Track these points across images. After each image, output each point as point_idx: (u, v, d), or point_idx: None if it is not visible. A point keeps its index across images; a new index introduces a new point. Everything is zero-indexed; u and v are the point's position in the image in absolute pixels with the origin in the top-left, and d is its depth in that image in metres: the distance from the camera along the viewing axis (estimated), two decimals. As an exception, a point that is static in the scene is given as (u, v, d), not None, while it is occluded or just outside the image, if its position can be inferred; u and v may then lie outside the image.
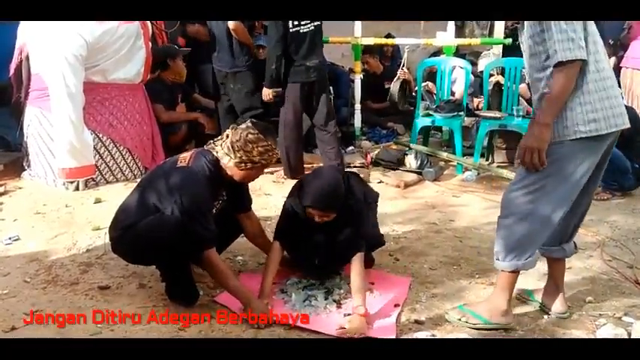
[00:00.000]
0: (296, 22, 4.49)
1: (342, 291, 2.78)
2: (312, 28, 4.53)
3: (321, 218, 2.67)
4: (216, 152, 2.61)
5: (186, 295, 2.65)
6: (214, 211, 2.72)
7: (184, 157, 2.63)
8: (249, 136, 2.55)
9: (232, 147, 2.56)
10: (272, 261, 2.76)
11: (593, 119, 2.24)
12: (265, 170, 2.81)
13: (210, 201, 2.61)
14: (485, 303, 2.53)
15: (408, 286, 2.90)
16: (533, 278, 2.89)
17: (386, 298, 2.74)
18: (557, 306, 2.61)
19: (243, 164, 2.57)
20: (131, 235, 2.57)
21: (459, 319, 2.51)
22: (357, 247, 2.69)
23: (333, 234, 2.74)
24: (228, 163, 2.58)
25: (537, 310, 2.69)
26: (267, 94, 4.59)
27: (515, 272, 2.45)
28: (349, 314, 2.58)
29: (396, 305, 2.69)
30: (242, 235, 3.03)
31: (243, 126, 2.61)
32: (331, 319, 2.57)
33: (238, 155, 2.55)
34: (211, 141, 2.70)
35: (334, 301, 2.71)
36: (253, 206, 2.99)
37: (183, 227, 2.44)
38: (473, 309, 2.51)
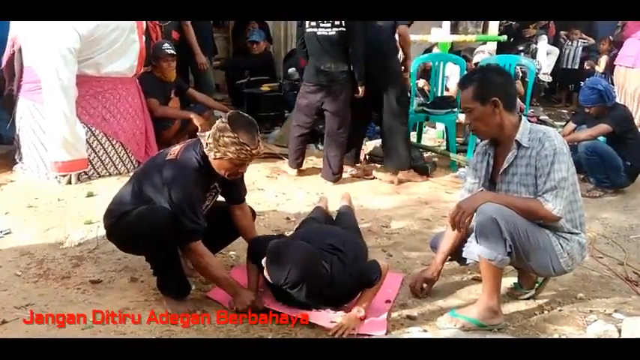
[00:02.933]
0: (313, 24, 4.43)
1: None
2: (333, 33, 4.40)
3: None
4: (203, 141, 2.58)
5: (178, 288, 2.64)
6: (208, 203, 2.71)
7: (174, 151, 2.60)
8: (220, 124, 2.50)
9: (209, 133, 2.53)
10: (252, 274, 2.71)
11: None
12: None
13: (199, 193, 2.58)
14: (477, 306, 2.51)
15: (401, 282, 2.90)
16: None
17: (378, 295, 2.74)
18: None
19: (212, 153, 2.51)
20: (123, 223, 2.56)
21: (453, 326, 2.48)
22: (366, 284, 2.57)
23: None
24: (205, 150, 2.54)
25: (529, 307, 2.71)
26: None
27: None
28: (340, 310, 2.58)
29: (387, 301, 2.69)
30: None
31: (226, 114, 2.58)
32: (323, 313, 2.57)
33: (208, 142, 2.51)
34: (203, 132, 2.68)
35: None
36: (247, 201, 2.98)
37: (173, 218, 2.43)
38: (465, 314, 2.50)
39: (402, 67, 4.79)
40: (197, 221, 2.48)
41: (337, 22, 4.35)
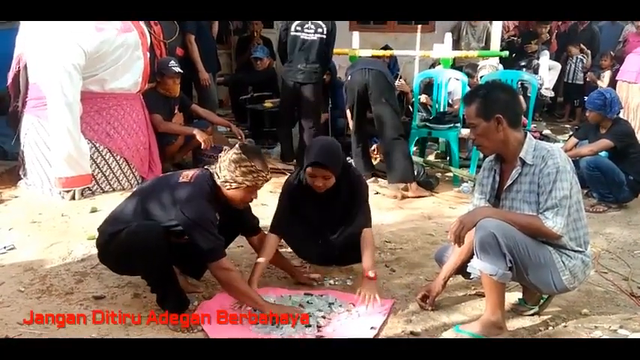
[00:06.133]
0: (298, 28, 5.06)
1: (322, 313, 2.68)
2: (315, 38, 5.11)
3: (323, 182, 2.82)
4: (213, 170, 2.64)
5: (177, 302, 2.63)
6: None
7: (187, 174, 2.66)
8: (234, 156, 2.57)
9: (220, 166, 2.60)
10: (264, 254, 2.88)
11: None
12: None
13: (214, 213, 2.61)
14: (481, 321, 2.49)
15: (390, 309, 2.78)
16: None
17: (363, 320, 2.66)
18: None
19: (227, 184, 2.58)
20: (115, 242, 2.56)
21: None
22: (364, 224, 2.93)
23: (335, 211, 2.96)
24: (217, 182, 2.61)
25: (533, 323, 2.69)
26: None
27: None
28: (322, 337, 2.50)
29: (372, 328, 2.59)
30: (238, 245, 3.01)
31: (235, 146, 2.64)
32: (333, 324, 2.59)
33: (222, 174, 2.58)
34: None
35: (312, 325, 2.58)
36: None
37: (165, 233, 2.46)
38: (469, 329, 2.48)
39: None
40: (219, 237, 2.54)
41: (320, 30, 5.12)
